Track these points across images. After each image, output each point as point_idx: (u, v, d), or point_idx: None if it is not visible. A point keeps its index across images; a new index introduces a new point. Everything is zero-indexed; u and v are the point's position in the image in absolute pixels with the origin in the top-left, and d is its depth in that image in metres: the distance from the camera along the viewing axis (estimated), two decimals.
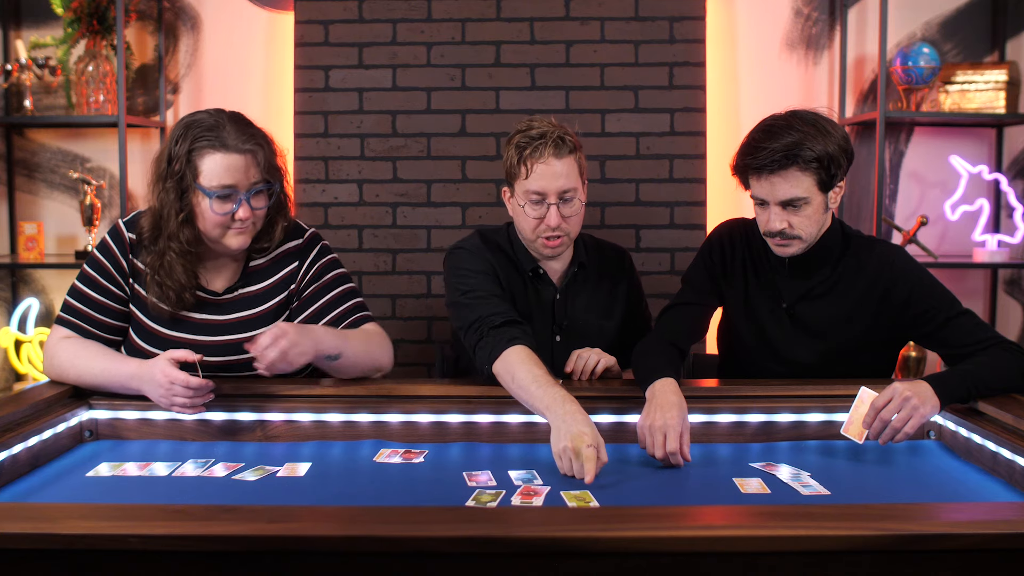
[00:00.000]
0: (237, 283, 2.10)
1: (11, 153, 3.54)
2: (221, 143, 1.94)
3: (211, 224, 1.98)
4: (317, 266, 2.14)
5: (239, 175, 1.95)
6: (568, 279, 2.33)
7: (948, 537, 1.22)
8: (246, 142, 1.96)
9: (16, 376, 3.48)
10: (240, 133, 1.96)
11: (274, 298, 2.11)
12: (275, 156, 2.04)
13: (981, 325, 2.07)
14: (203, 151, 1.95)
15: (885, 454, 1.86)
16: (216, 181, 1.94)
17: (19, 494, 1.62)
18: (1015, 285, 3.50)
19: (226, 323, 2.07)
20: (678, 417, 1.77)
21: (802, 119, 2.00)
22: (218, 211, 1.96)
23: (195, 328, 2.06)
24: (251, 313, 2.09)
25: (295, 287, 2.12)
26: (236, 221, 1.98)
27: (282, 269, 2.12)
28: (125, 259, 2.06)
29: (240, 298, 2.09)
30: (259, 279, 2.11)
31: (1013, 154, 3.46)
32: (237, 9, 3.45)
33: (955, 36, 3.44)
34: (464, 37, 3.25)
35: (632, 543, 1.22)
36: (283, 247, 2.13)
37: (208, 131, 1.95)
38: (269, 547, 1.22)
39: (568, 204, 2.18)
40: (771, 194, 2.01)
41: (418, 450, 1.86)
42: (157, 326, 2.05)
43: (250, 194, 1.97)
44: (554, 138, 2.16)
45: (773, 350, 2.18)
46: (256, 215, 2.01)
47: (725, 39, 3.42)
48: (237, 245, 2.02)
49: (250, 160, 1.97)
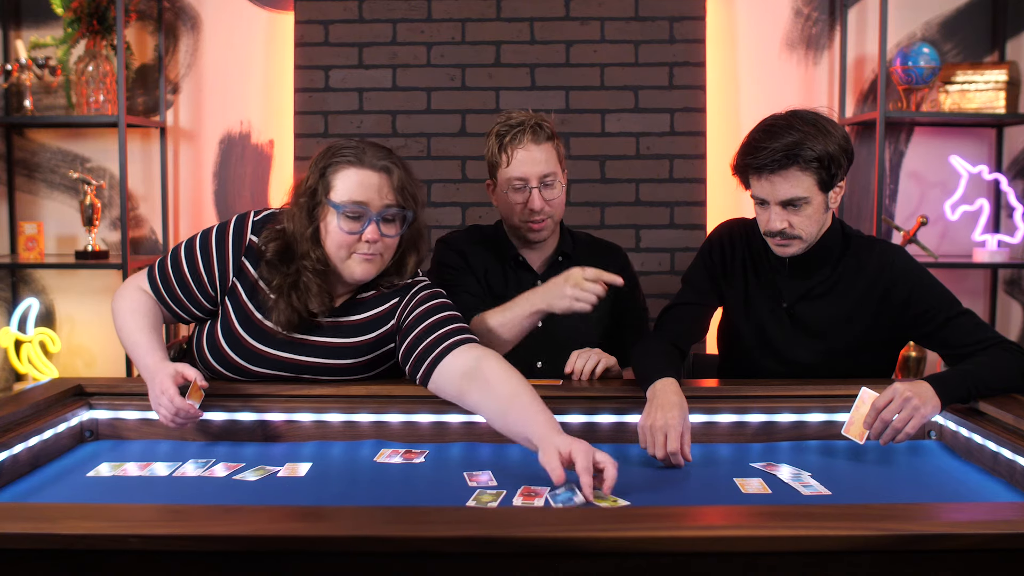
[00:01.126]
0: (337, 309, 1.98)
1: (11, 153, 3.54)
2: (357, 159, 1.88)
3: (336, 244, 1.89)
4: (420, 295, 2.01)
5: (371, 193, 1.87)
6: (549, 266, 2.39)
7: (948, 537, 1.22)
8: (382, 159, 1.90)
9: (16, 376, 3.48)
10: (377, 152, 1.91)
11: (370, 332, 1.99)
12: (412, 183, 1.94)
13: (981, 325, 2.07)
14: (338, 167, 1.89)
15: (885, 454, 1.86)
16: (347, 196, 1.86)
17: (19, 494, 1.61)
18: (1015, 285, 3.50)
19: (311, 344, 1.97)
20: (679, 417, 1.77)
21: (802, 119, 2.00)
22: (345, 228, 1.87)
23: (278, 344, 1.96)
24: (341, 342, 1.98)
25: (394, 324, 2.00)
26: (363, 244, 1.88)
27: (384, 303, 2.00)
28: (236, 258, 1.96)
29: (334, 325, 1.98)
30: (359, 310, 2.00)
31: (1013, 154, 3.46)
32: (237, 9, 3.45)
33: (955, 36, 3.44)
34: (464, 37, 3.25)
35: (632, 543, 1.21)
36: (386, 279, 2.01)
37: (346, 149, 1.90)
38: (269, 547, 1.22)
39: (549, 188, 2.28)
40: (771, 194, 2.01)
41: (418, 450, 1.86)
42: (243, 331, 1.97)
43: (381, 216, 1.88)
44: (531, 125, 2.26)
45: (773, 350, 2.18)
46: (385, 243, 1.90)
47: (725, 39, 3.42)
48: (361, 274, 1.91)
49: (384, 180, 1.88)
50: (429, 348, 1.90)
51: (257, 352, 1.97)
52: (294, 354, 1.97)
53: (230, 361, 1.98)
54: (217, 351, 1.99)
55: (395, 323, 2.00)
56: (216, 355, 1.99)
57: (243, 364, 1.98)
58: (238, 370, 1.99)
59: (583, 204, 3.22)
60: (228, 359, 1.98)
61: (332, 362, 1.98)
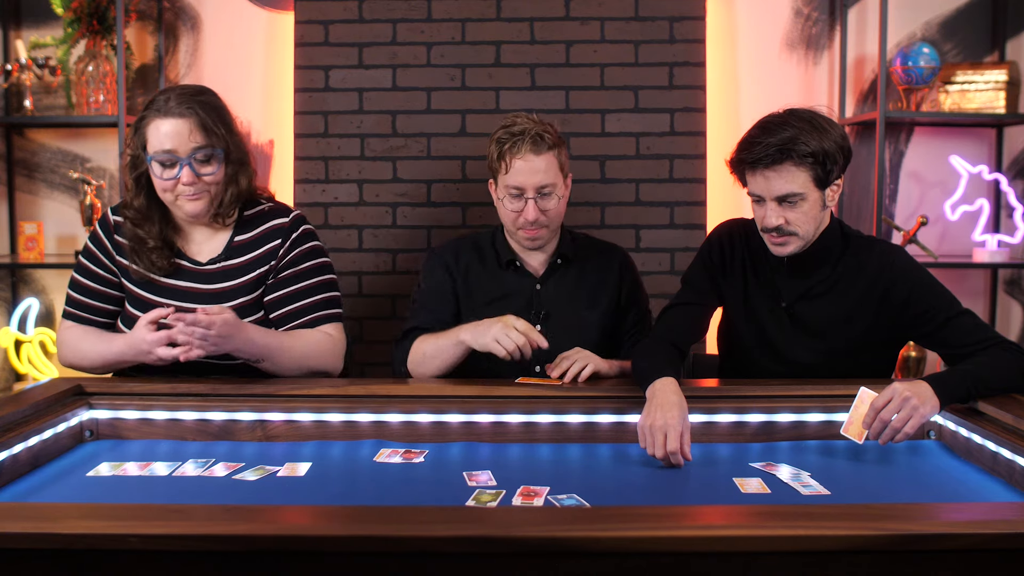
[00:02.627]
0: (221, 255, 2.16)
1: (11, 153, 3.54)
2: (160, 110, 2.03)
3: (160, 190, 2.07)
4: (300, 250, 2.19)
5: (177, 140, 2.02)
6: (548, 269, 2.38)
7: (948, 537, 1.22)
8: (183, 104, 2.02)
9: (16, 376, 3.48)
10: (181, 100, 2.03)
11: (254, 271, 2.16)
12: (218, 120, 2.07)
13: (981, 325, 2.07)
14: (147, 120, 2.05)
15: (885, 454, 1.86)
16: (157, 147, 2.03)
17: (19, 494, 1.62)
18: (1015, 285, 3.50)
19: (209, 292, 2.14)
20: (679, 417, 1.77)
21: (798, 116, 2.01)
22: (161, 176, 2.04)
23: (181, 295, 2.14)
24: (232, 284, 2.15)
25: (275, 263, 2.17)
26: (183, 187, 2.04)
27: (265, 244, 2.18)
28: (110, 240, 2.18)
29: (223, 270, 2.16)
30: (242, 252, 2.17)
31: (1013, 154, 3.46)
32: (237, 9, 3.45)
33: (955, 36, 3.44)
34: (464, 37, 3.25)
35: (632, 543, 1.22)
36: (269, 223, 2.19)
37: (153, 102, 2.05)
38: (269, 547, 1.22)
39: (546, 199, 2.26)
40: (766, 189, 2.02)
41: (418, 450, 1.86)
42: (146, 293, 2.15)
43: (190, 158, 2.03)
44: (532, 135, 2.24)
45: (773, 350, 2.18)
46: (206, 181, 2.07)
47: (725, 39, 3.42)
48: (190, 210, 2.08)
49: (188, 124, 2.03)
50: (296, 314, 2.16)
51: (149, 303, 2.13)
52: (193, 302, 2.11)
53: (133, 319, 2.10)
54: (133, 319, 2.10)
55: (275, 262, 2.17)
56: (133, 323, 2.08)
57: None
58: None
59: (583, 204, 3.22)
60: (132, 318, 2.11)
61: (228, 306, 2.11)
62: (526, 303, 2.34)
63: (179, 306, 2.02)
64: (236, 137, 2.12)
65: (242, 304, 2.14)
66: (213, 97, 2.12)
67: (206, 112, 2.05)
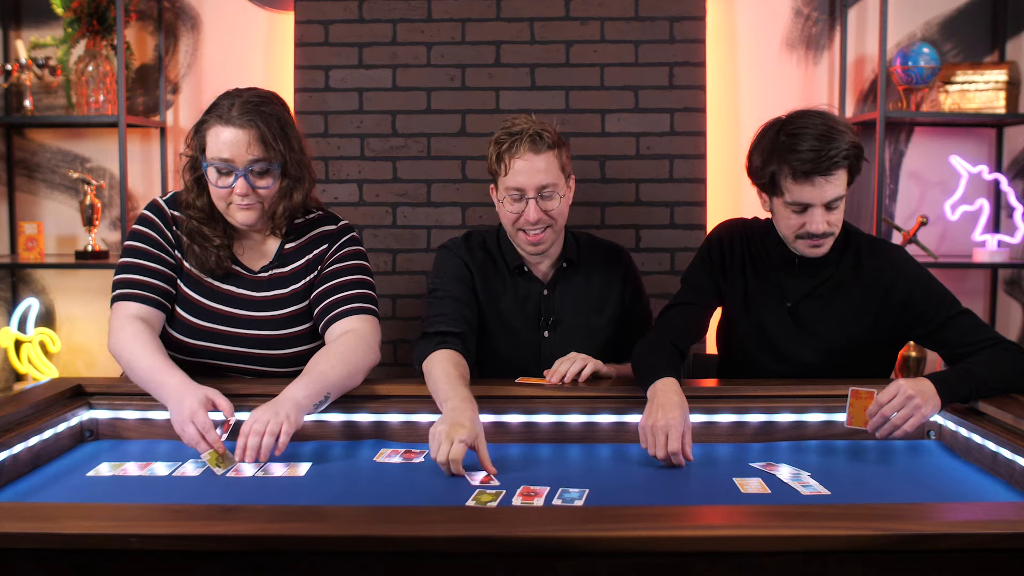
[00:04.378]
0: (272, 263, 2.14)
1: (11, 153, 3.54)
2: (224, 118, 1.99)
3: (214, 196, 2.04)
4: (343, 251, 2.17)
5: (236, 149, 1.98)
6: (555, 275, 2.35)
7: (948, 537, 1.22)
8: (246, 114, 1.98)
9: (16, 376, 3.48)
10: (244, 109, 1.98)
11: (302, 279, 2.14)
12: (278, 135, 2.01)
13: (981, 325, 2.07)
14: (208, 124, 2.01)
15: (885, 454, 1.86)
16: (215, 153, 1.99)
17: (19, 494, 1.62)
18: (1015, 285, 3.50)
19: (260, 299, 2.11)
20: (679, 417, 1.77)
21: (832, 118, 2.02)
22: (216, 183, 2.01)
23: (231, 301, 2.10)
24: (282, 292, 2.13)
25: (321, 267, 2.15)
26: (236, 196, 2.01)
27: (313, 251, 2.16)
28: (169, 231, 2.11)
29: (273, 277, 2.13)
30: (292, 260, 2.15)
31: (1013, 154, 3.46)
32: (237, 9, 3.45)
33: (955, 36, 3.44)
34: (464, 37, 3.25)
35: (632, 543, 1.22)
36: (317, 230, 2.18)
37: (216, 107, 2.01)
38: (269, 547, 1.22)
39: (547, 200, 2.22)
40: (818, 197, 1.99)
41: (418, 450, 1.86)
42: (199, 296, 2.10)
43: (248, 170, 1.99)
44: (531, 134, 2.20)
45: (773, 350, 2.18)
46: (260, 194, 2.03)
47: (725, 39, 3.42)
48: (242, 220, 2.05)
49: (248, 135, 1.98)
50: (332, 305, 2.10)
51: (214, 311, 2.09)
52: (244, 309, 2.09)
53: (182, 321, 2.08)
54: (181, 322, 2.08)
55: (321, 267, 2.15)
56: (182, 326, 2.07)
57: (190, 320, 2.08)
58: (190, 330, 2.08)
59: (583, 204, 3.22)
60: (181, 320, 2.09)
61: (269, 313, 2.10)
62: (535, 309, 2.33)
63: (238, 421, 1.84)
64: (295, 153, 2.06)
65: (292, 313, 2.12)
66: (278, 108, 2.05)
67: (267, 124, 1.99)
